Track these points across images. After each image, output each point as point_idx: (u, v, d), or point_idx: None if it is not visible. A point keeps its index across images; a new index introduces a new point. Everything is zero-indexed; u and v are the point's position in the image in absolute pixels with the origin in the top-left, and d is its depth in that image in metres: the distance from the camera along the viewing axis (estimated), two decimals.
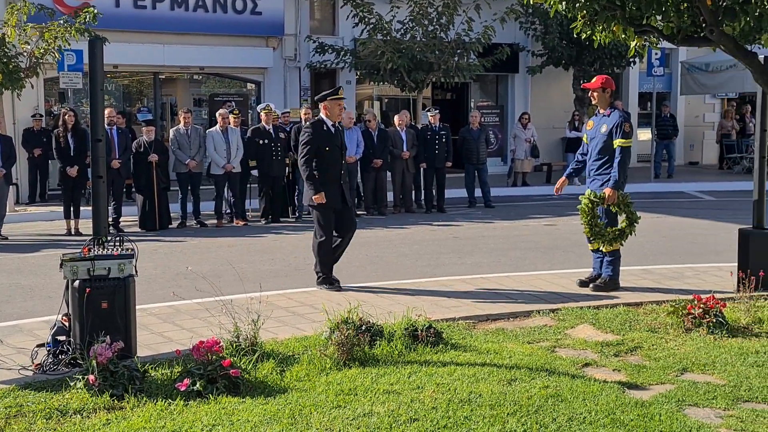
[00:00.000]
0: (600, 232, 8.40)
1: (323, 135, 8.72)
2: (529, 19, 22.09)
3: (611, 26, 6.88)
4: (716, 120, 26.10)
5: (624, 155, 8.41)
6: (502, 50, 19.82)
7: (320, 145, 8.65)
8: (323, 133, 8.73)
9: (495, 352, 6.29)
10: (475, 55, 19.55)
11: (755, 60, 6.78)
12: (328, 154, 8.69)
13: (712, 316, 6.90)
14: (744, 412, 5.12)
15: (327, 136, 8.73)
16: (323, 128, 8.75)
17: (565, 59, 21.86)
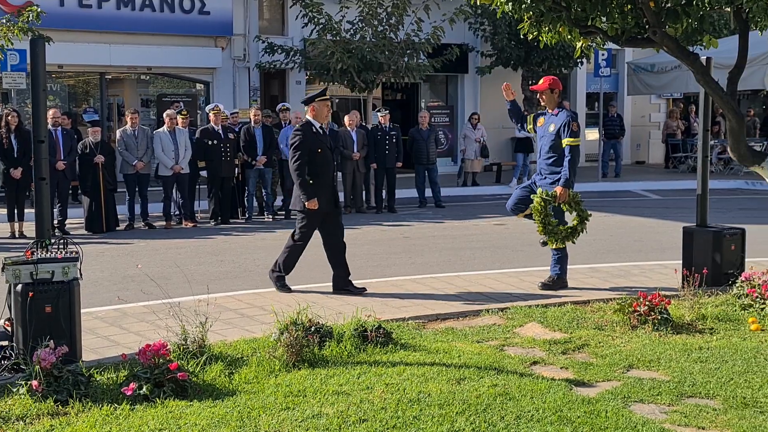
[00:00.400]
0: (553, 230, 8.48)
1: (313, 137, 8.50)
2: (478, 20, 22.22)
3: (557, 27, 6.95)
4: (662, 120, 26.53)
5: (573, 154, 8.52)
6: (451, 51, 19.89)
7: (311, 148, 8.45)
8: (313, 136, 8.51)
9: (444, 352, 6.31)
10: (424, 55, 19.60)
11: (697, 61, 6.90)
12: (319, 157, 8.50)
13: (657, 313, 7.00)
14: (688, 407, 5.20)
15: (317, 138, 8.53)
16: (312, 130, 8.54)
17: (513, 60, 22.03)
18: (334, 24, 18.82)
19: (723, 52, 11.02)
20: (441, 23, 18.88)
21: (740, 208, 16.05)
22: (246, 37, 20.89)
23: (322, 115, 8.64)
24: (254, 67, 21.05)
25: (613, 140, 22.84)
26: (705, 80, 6.98)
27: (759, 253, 9.76)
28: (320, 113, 8.60)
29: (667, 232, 12.75)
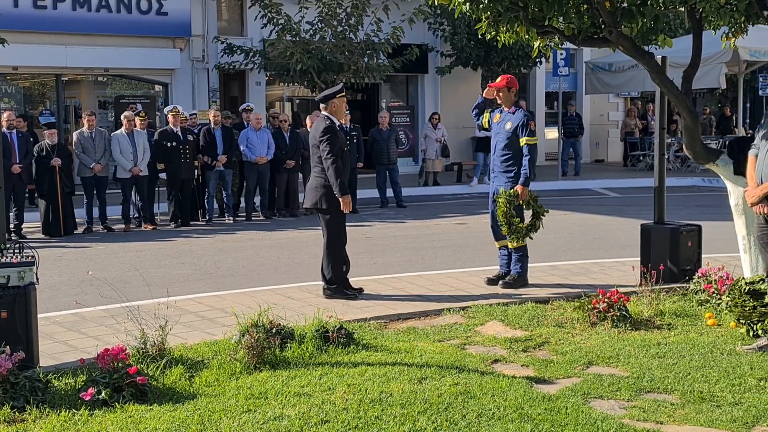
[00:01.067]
0: (516, 228, 8.54)
1: (339, 135, 8.31)
2: (437, 20, 22.30)
3: (515, 27, 7.00)
4: (620, 118, 26.82)
5: (532, 153, 8.59)
6: (411, 51, 19.95)
7: (340, 147, 8.24)
8: (338, 133, 8.31)
9: (406, 351, 6.32)
10: (384, 55, 19.63)
11: (652, 60, 6.98)
12: (345, 156, 8.33)
13: (616, 310, 7.07)
14: (646, 403, 5.26)
15: (342, 137, 8.38)
16: (336, 128, 8.32)
17: (473, 60, 22.14)
18: (294, 25, 18.78)
19: (678, 51, 11.17)
20: (400, 23, 18.94)
21: (697, 204, 16.27)
22: (204, 37, 20.75)
23: (341, 113, 8.46)
24: (213, 68, 20.92)
25: (573, 139, 23.06)
26: (660, 79, 7.07)
27: (715, 249, 9.89)
28: (340, 111, 8.39)
29: (625, 229, 12.88)
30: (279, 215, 15.59)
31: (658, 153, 8.89)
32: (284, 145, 15.62)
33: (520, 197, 8.53)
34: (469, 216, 15.38)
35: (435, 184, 20.15)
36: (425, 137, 20.27)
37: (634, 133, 25.25)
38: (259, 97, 21.74)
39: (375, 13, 18.86)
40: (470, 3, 6.63)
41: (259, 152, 15.27)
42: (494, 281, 8.86)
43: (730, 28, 8.00)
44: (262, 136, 15.36)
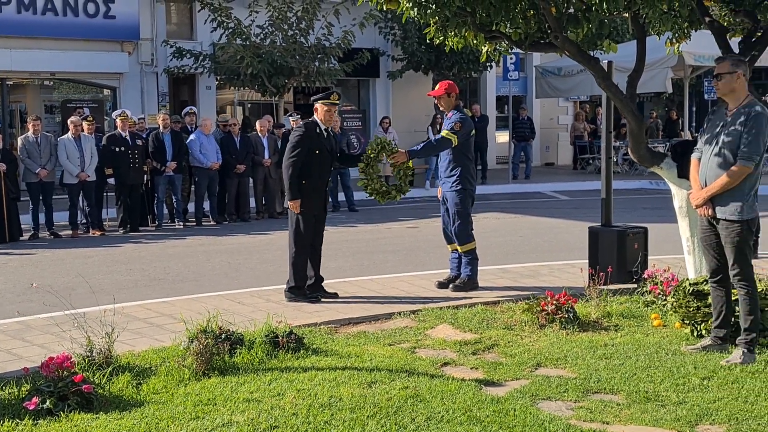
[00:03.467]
0: (371, 178, 8.47)
1: (315, 137, 8.29)
2: (388, 24, 22.35)
3: (463, 32, 7.05)
4: (569, 122, 27.13)
5: (440, 143, 8.59)
6: (362, 55, 19.98)
7: (310, 148, 8.24)
8: (315, 136, 8.30)
9: (356, 356, 6.32)
10: (335, 59, 19.63)
11: (597, 65, 7.08)
12: (316, 158, 8.29)
13: (564, 311, 7.15)
14: (593, 403, 5.33)
15: (318, 139, 8.32)
16: (316, 131, 8.33)
17: (424, 64, 22.25)
18: (244, 28, 18.70)
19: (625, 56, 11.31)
20: (351, 27, 18.95)
21: (644, 207, 16.51)
22: (153, 41, 20.55)
23: (325, 118, 8.37)
24: (162, 72, 20.73)
25: (524, 142, 23.27)
26: (605, 84, 7.17)
27: (662, 251, 10.05)
28: (322, 115, 8.35)
29: (575, 232, 13.02)
30: (230, 220, 15.50)
31: (605, 156, 9.02)
32: (234, 150, 15.53)
33: (395, 158, 8.41)
34: (421, 220, 15.43)
35: None
36: None
37: (584, 136, 25.56)
38: (209, 101, 21.60)
39: (326, 18, 18.85)
40: (418, 8, 6.66)
41: (210, 157, 15.17)
42: (445, 284, 8.90)
43: (673, 34, 8.15)
44: (213, 140, 15.28)
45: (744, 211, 6.00)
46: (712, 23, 7.27)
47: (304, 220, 8.35)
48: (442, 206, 9.03)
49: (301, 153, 8.21)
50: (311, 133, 8.30)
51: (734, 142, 5.96)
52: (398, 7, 6.86)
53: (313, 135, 8.29)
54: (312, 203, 8.37)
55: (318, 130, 8.34)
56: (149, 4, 20.49)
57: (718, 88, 6.04)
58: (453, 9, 6.69)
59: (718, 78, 6.02)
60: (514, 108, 23.02)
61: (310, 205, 8.36)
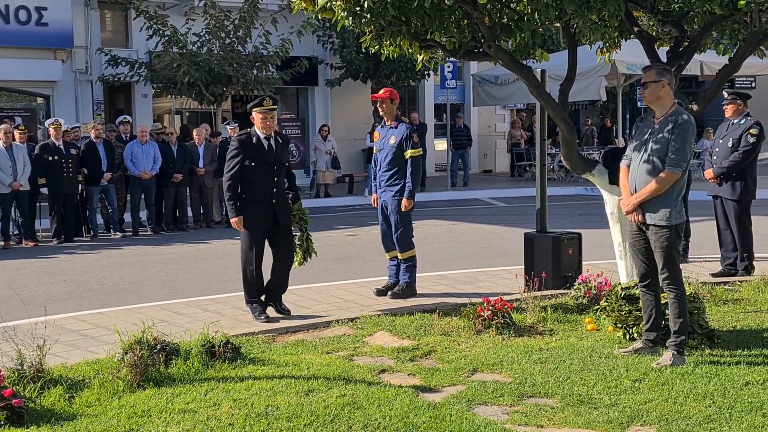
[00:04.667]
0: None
1: (250, 148, 7.82)
2: (326, 33, 22.37)
3: (397, 41, 7.10)
4: (507, 130, 27.45)
5: (416, 165, 8.70)
6: (300, 63, 19.98)
7: (246, 160, 7.78)
8: (250, 147, 7.82)
9: (294, 364, 6.30)
10: (273, 68, 19.58)
11: (530, 73, 7.19)
12: (254, 170, 7.79)
13: (500, 317, 7.23)
14: (528, 407, 5.40)
15: (255, 149, 7.82)
16: (252, 141, 7.84)
17: (362, 72, 22.33)
18: (180, 36, 18.55)
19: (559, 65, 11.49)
20: (289, 36, 18.93)
21: (580, 213, 16.77)
22: (88, 49, 20.27)
23: (263, 126, 7.87)
24: (97, 81, 20.45)
25: (461, 150, 23.48)
26: (538, 92, 7.29)
27: (596, 256, 10.22)
28: (258, 123, 7.89)
29: (512, 238, 13.17)
30: (167, 230, 15.34)
31: (539, 163, 9.15)
32: (171, 159, 15.39)
33: (404, 209, 8.65)
34: (360, 227, 15.46)
35: (326, 196, 20.19)
36: (315, 149, 20.31)
37: (521, 144, 25.89)
38: (145, 109, 21.35)
39: (263, 26, 18.81)
40: (353, 17, 6.68)
41: (144, 166, 14.99)
42: (383, 292, 8.93)
43: (604, 43, 8.32)
44: (148, 149, 15.09)
45: (672, 217, 6.15)
46: (640, 33, 7.43)
47: (250, 236, 7.96)
48: (381, 214, 9.06)
49: (236, 168, 7.80)
50: (245, 145, 7.86)
51: (662, 149, 6.11)
52: (333, 16, 6.88)
53: (248, 147, 7.85)
54: (255, 217, 7.91)
55: (255, 140, 7.88)
56: (83, 11, 20.20)
57: (645, 97, 6.20)
58: (387, 18, 6.74)
59: (644, 86, 6.18)
60: (452, 116, 23.22)
61: (254, 219, 7.91)
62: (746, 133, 9.63)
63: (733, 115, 9.85)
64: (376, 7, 6.60)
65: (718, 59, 8.29)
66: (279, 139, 8.05)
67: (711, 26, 7.22)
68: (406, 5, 6.64)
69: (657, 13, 7.37)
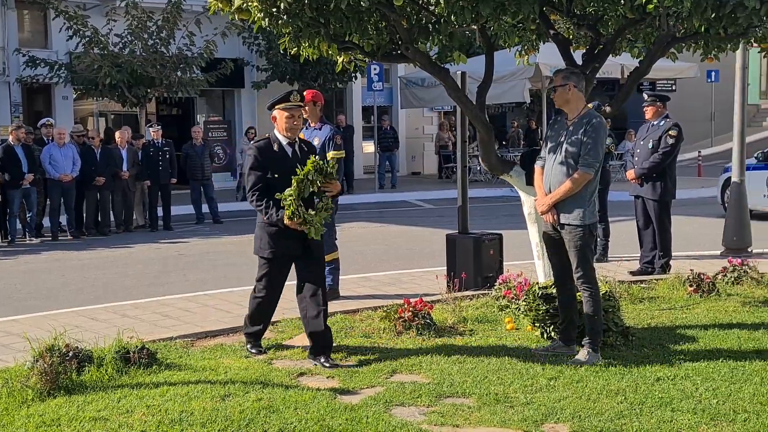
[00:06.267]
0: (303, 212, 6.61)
1: (270, 157, 6.45)
2: (252, 35, 22.21)
3: (316, 43, 7.07)
4: (435, 132, 27.60)
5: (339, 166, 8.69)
6: (226, 65, 19.79)
7: (267, 172, 6.39)
8: (270, 155, 6.46)
9: (211, 369, 6.23)
10: (198, 69, 19.36)
11: (448, 76, 7.23)
12: (276, 183, 6.31)
13: (421, 318, 7.25)
14: (445, 407, 5.42)
15: (277, 159, 6.44)
16: (272, 148, 6.49)
17: (289, 74, 22.22)
18: (101, 37, 18.21)
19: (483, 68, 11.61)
20: (213, 37, 18.74)
21: (504, 214, 16.94)
22: (5, 49, 19.74)
23: (288, 127, 6.53)
24: (15, 82, 19.93)
25: (388, 152, 23.55)
26: (456, 94, 7.34)
27: (517, 257, 10.34)
28: (281, 124, 6.55)
29: (438, 239, 13.20)
30: (88, 234, 15.03)
31: (459, 165, 9.22)
32: (93, 162, 15.09)
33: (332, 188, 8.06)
34: None
35: None
36: (242, 152, 20.10)
37: (448, 146, 26.06)
38: (66, 111, 20.89)
39: (187, 27, 18.58)
40: (269, 18, 6.63)
41: (63, 169, 14.67)
42: None
43: (522, 46, 8.43)
44: (67, 152, 14.78)
45: (586, 216, 6.26)
46: (556, 36, 7.53)
47: (275, 263, 6.60)
48: None
49: (260, 182, 6.39)
50: (266, 153, 6.46)
51: (576, 151, 6.22)
52: (250, 17, 6.82)
53: (269, 155, 6.44)
54: (282, 242, 6.46)
55: (276, 147, 6.50)
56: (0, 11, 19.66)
57: (555, 100, 6.32)
58: (305, 20, 6.70)
59: (554, 90, 6.30)
60: (379, 118, 23.28)
61: (279, 244, 6.47)
62: (665, 135, 9.87)
63: (653, 117, 10.10)
64: (292, 8, 6.56)
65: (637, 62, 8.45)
66: (304, 147, 6.66)
67: (624, 30, 7.36)
68: (323, 7, 6.62)
69: (573, 17, 7.48)
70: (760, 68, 36.73)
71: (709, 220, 14.84)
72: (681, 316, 7.80)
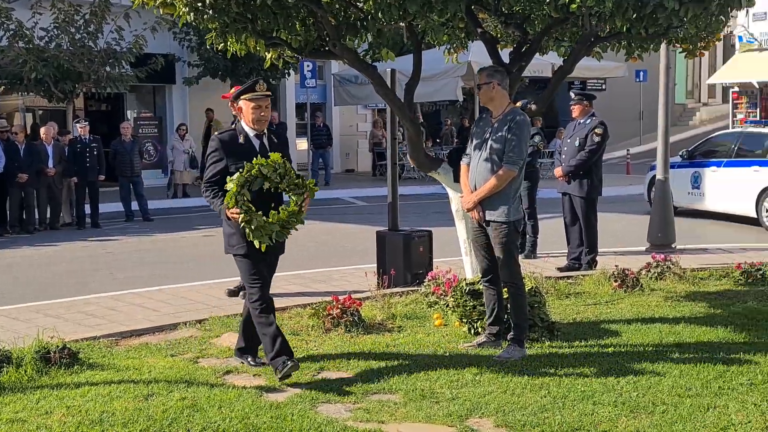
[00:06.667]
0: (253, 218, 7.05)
1: (235, 150, 5.97)
2: (183, 30, 21.90)
3: (242, 38, 7.00)
4: (368, 129, 27.62)
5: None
6: (156, 61, 19.49)
7: (233, 167, 5.88)
8: (235, 148, 5.99)
9: (135, 369, 6.14)
10: (127, 64, 19.04)
11: (375, 73, 7.24)
12: None
13: (349, 315, 7.25)
14: (371, 403, 5.43)
15: (243, 152, 5.94)
16: (237, 141, 6.03)
17: (221, 70, 21.99)
18: (26, 31, 17.78)
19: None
20: (143, 32, 18.45)
21: (435, 211, 16.99)
22: None
23: (253, 118, 6.03)
24: None
25: (321, 150, 23.49)
26: (383, 91, 7.35)
27: (447, 254, 10.39)
28: (247, 115, 6.05)
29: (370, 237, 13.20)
30: (12, 232, 14.66)
31: (389, 162, 9.25)
32: (17, 158, 14.73)
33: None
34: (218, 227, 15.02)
35: (184, 196, 19.77)
36: (173, 149, 19.86)
37: (382, 143, 26.07)
38: None
39: (115, 21, 18.25)
40: (195, 13, 6.56)
41: None
42: (235, 292, 8.83)
43: (451, 44, 8.48)
44: None
45: (510, 213, 6.33)
46: (484, 34, 7.60)
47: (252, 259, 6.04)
48: None
49: (218, 176, 5.94)
50: (229, 146, 5.97)
51: (500, 148, 6.29)
52: (175, 12, 6.73)
53: (233, 148, 5.96)
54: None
55: (242, 139, 6.03)
56: None
57: (480, 97, 6.38)
58: (231, 15, 6.64)
59: (479, 88, 6.36)
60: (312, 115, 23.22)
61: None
62: (591, 133, 10.04)
63: (580, 115, 10.27)
64: (218, 3, 6.50)
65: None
66: (274, 139, 6.21)
67: (550, 29, 7.45)
68: (250, 2, 6.57)
69: (500, 15, 7.56)
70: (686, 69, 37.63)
71: (636, 217, 15.14)
72: (606, 311, 7.95)
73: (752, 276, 9.11)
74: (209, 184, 6.00)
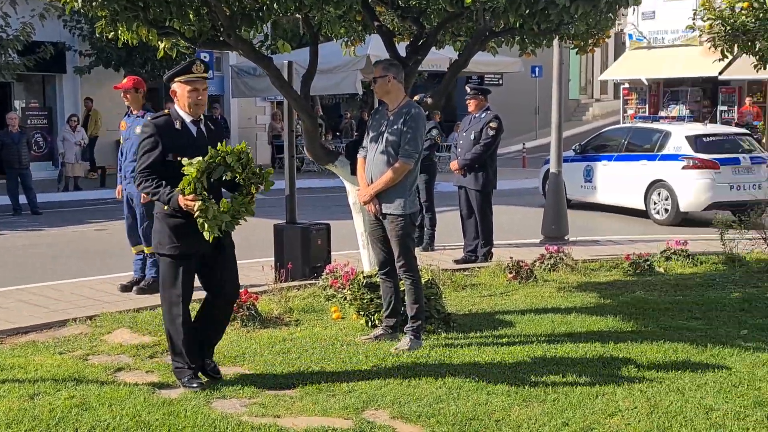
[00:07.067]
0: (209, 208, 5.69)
1: (171, 138, 5.47)
2: (74, 18, 21.26)
3: (134, 27, 6.82)
4: (267, 122, 27.38)
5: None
6: (45, 49, 18.85)
7: (170, 154, 5.43)
8: (172, 135, 5.49)
9: (20, 367, 5.92)
10: (14, 53, 18.36)
11: (271, 64, 7.15)
12: (178, 167, 5.33)
13: (245, 309, 7.17)
14: (267, 398, 5.38)
15: (179, 139, 5.48)
16: (173, 127, 5.52)
17: (114, 60, 21.43)
18: None
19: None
20: (30, 19, 17.82)
21: (335, 204, 16.97)
22: None
23: (190, 102, 5.54)
24: None
25: None
26: (279, 83, 7.28)
27: (346, 246, 10.38)
28: (183, 99, 5.54)
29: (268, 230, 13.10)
30: None
31: (287, 155, 9.18)
32: None
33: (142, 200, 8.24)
34: (111, 221, 14.81)
35: (76, 189, 19.22)
36: (64, 140, 19.27)
37: (281, 136, 25.90)
38: None
39: (1, 7, 17.57)
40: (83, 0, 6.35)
41: None
42: (128, 287, 8.63)
43: (348, 37, 8.46)
44: None
45: (407, 206, 6.36)
46: (380, 28, 7.61)
47: (177, 267, 5.54)
48: (126, 207, 8.76)
49: (152, 164, 5.45)
50: (165, 132, 5.47)
51: (396, 141, 6.31)
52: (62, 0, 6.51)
53: (169, 135, 5.47)
54: (187, 237, 5.46)
55: (179, 125, 5.53)
56: None
57: (376, 90, 6.39)
58: (122, 2, 6.46)
59: (374, 81, 6.37)
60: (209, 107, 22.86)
61: (184, 241, 5.48)
62: (486, 127, 10.18)
63: (475, 109, 10.40)
64: None
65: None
66: (211, 126, 5.77)
67: (445, 23, 7.51)
68: None
69: (397, 9, 7.58)
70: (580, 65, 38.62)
71: (531, 210, 15.45)
72: (500, 302, 8.08)
73: (640, 267, 9.42)
74: (147, 173, 5.45)
